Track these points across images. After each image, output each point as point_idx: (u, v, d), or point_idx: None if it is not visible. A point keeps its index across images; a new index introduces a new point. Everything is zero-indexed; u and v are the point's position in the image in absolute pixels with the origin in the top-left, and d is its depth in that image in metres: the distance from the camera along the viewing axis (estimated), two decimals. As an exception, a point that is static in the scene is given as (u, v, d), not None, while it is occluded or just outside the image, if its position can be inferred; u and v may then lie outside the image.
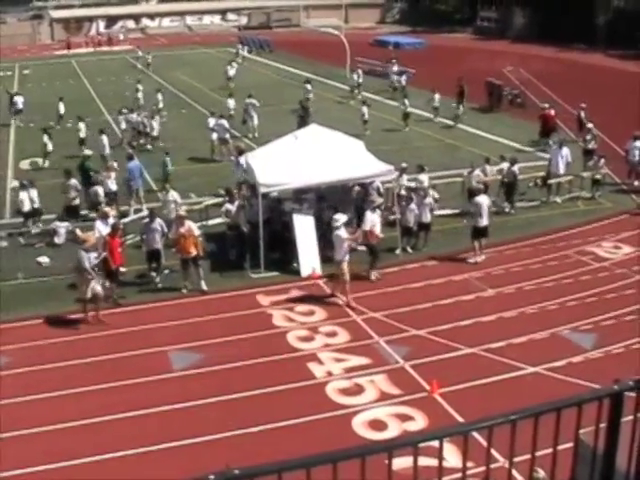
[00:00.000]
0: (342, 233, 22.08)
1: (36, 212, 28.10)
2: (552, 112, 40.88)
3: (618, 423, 4.85)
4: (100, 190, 28.46)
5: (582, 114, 40.19)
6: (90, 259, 20.71)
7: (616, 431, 4.90)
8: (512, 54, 73.60)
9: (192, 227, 23.16)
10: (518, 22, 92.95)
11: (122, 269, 23.18)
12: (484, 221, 25.24)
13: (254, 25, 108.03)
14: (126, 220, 26.82)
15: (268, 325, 20.86)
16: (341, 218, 22.32)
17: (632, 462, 5.02)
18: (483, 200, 25.53)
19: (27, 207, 27.70)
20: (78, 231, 23.45)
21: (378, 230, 23.60)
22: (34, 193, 27.91)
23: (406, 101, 44.99)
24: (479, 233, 25.22)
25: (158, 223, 23.46)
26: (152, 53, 73.74)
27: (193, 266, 23.09)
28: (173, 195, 26.76)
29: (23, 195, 27.66)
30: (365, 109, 43.28)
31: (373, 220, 23.40)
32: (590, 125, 36.50)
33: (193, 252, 22.87)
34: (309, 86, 50.22)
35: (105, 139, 35.36)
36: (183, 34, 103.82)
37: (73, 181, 28.68)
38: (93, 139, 36.66)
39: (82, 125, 38.99)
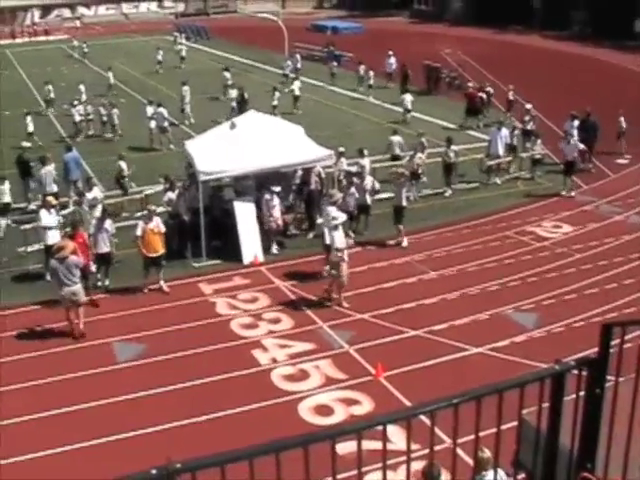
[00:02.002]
0: (340, 233, 21.26)
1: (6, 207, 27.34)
2: (486, 91, 41.81)
3: (560, 402, 4.88)
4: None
5: (510, 95, 41.18)
6: (70, 267, 19.11)
7: (559, 410, 4.92)
8: (449, 37, 74.13)
9: (160, 223, 22.02)
10: (455, 5, 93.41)
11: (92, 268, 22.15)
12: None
13: (191, 12, 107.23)
14: (64, 212, 26.20)
15: (211, 313, 20.74)
16: (340, 216, 21.50)
17: (575, 441, 5.06)
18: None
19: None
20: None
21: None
22: (5, 187, 27.15)
23: (294, 85, 46.23)
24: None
25: (109, 223, 22.38)
26: (88, 42, 72.85)
27: (155, 265, 22.16)
28: (96, 191, 25.93)
29: None
30: (277, 94, 43.39)
31: (336, 216, 22.25)
32: (529, 106, 36.92)
33: (160, 250, 21.88)
34: (228, 74, 49.90)
35: None
36: (119, 22, 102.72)
37: None
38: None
39: None
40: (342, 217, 21.56)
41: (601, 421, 5.05)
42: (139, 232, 21.72)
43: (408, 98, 42.42)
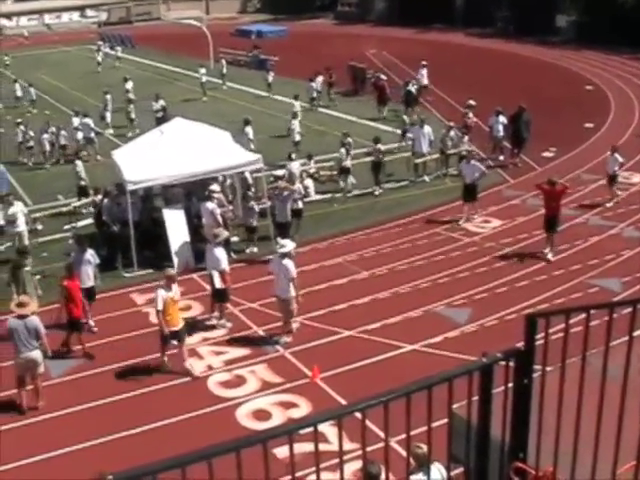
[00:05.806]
0: (289, 264, 18.93)
1: None
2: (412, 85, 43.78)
3: (489, 394, 4.93)
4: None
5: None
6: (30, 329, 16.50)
7: (488, 402, 4.97)
8: (374, 38, 74.46)
9: (178, 290, 18.29)
10: (378, 6, 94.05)
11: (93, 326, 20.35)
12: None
13: (114, 21, 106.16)
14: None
15: (144, 323, 20.46)
16: (288, 244, 19.42)
17: (506, 432, 5.12)
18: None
19: None
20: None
21: (227, 267, 20.87)
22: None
23: (202, 70, 51.14)
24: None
25: (90, 254, 20.40)
26: (11, 54, 71.67)
27: (175, 339, 18.13)
28: (19, 206, 25.21)
29: None
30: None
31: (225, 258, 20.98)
32: (472, 102, 36.90)
33: (180, 324, 18.13)
34: (130, 84, 48.08)
35: None
36: (42, 33, 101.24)
37: None
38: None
39: None
40: (290, 245, 19.52)
41: (530, 411, 5.11)
42: (160, 305, 17.63)
43: (313, 85, 46.31)
